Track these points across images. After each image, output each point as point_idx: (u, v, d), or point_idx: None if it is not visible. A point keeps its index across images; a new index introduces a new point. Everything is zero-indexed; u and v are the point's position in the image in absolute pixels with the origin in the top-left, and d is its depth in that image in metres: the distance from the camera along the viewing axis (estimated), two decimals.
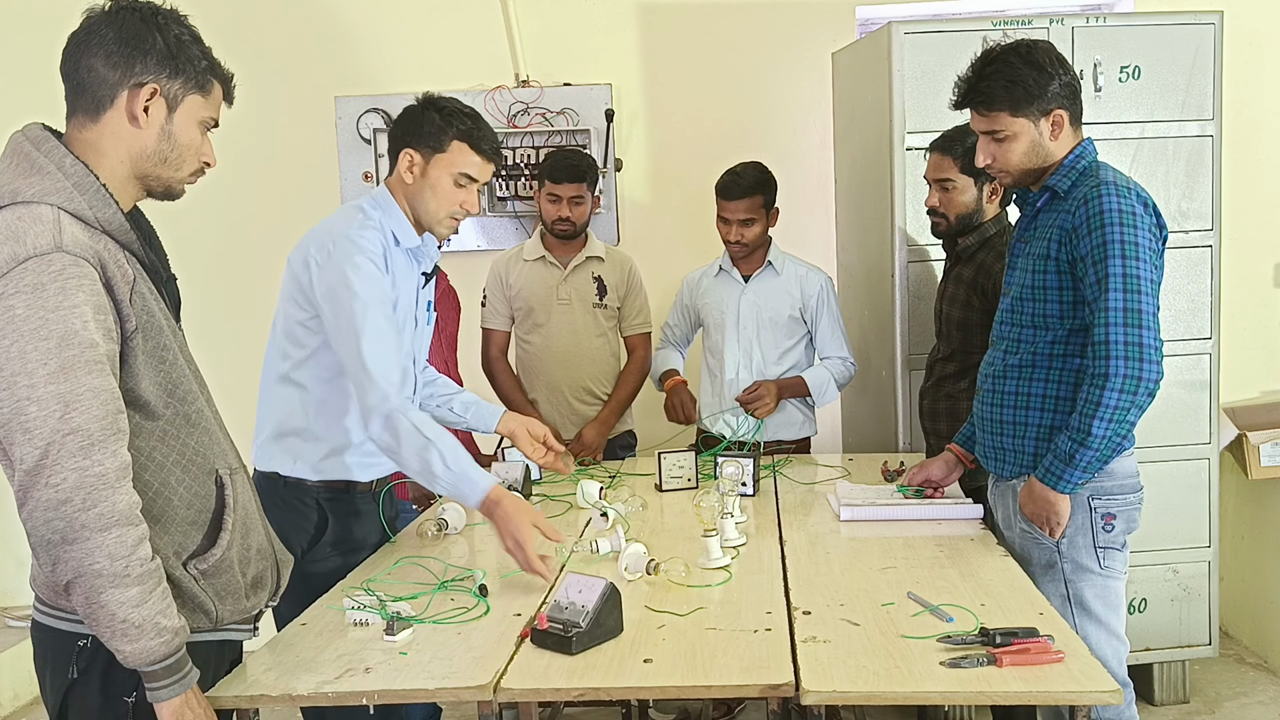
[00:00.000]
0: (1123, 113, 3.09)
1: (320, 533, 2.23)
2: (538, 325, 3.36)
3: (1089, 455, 2.04)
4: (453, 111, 2.19)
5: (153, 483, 1.53)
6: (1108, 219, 2.03)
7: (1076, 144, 2.17)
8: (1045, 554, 2.19)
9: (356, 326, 2.05)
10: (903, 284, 3.17)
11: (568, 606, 1.73)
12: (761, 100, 3.97)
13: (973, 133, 2.68)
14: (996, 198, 2.74)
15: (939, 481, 2.51)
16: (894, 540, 2.25)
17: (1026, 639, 1.62)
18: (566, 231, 3.31)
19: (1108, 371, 2.00)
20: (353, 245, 2.10)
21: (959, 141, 2.72)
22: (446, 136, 2.17)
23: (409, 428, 2.03)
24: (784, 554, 2.20)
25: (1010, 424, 2.24)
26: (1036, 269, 2.16)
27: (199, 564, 1.58)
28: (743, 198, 3.10)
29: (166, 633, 1.45)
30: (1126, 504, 2.17)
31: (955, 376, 2.79)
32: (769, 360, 3.22)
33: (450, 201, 2.20)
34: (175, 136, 1.55)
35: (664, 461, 2.78)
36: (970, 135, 2.69)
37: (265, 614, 1.79)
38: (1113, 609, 2.18)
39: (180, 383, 1.57)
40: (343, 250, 2.09)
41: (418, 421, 2.05)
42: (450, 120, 2.17)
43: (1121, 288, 2.01)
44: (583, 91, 3.95)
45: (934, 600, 1.85)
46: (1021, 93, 2.10)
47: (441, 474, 2.04)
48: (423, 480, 2.07)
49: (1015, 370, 2.23)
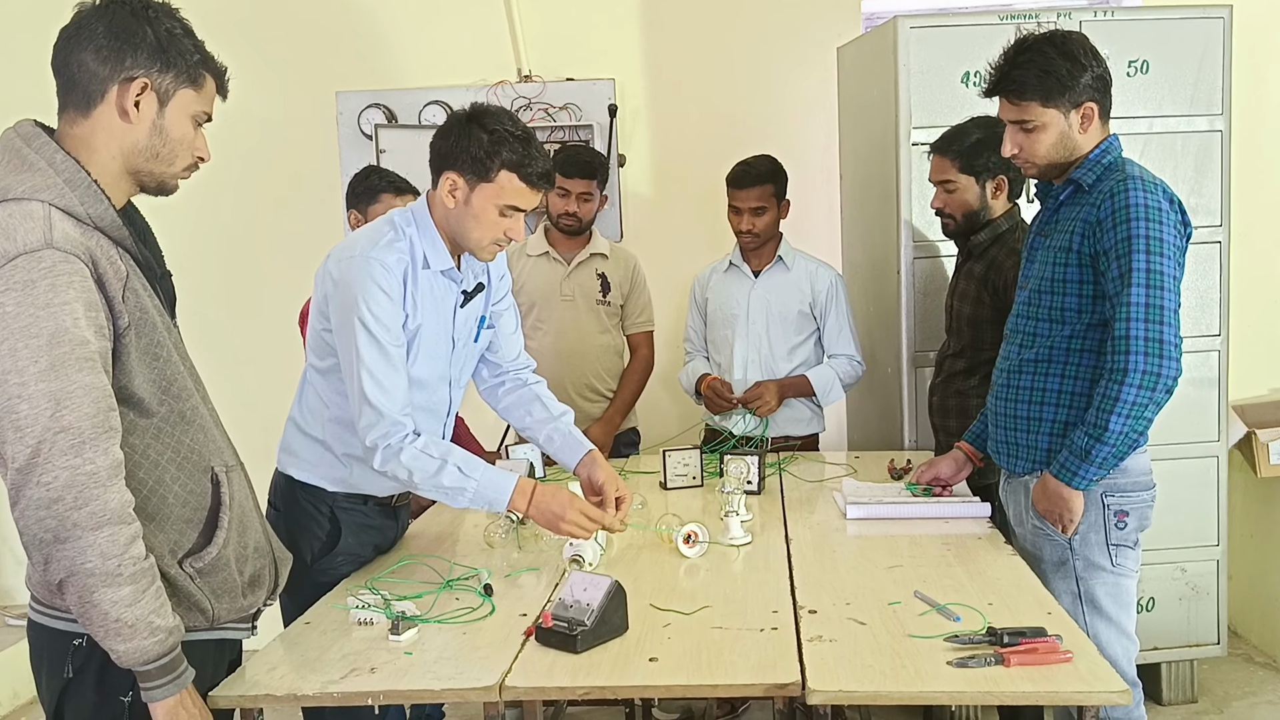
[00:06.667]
0: (1131, 107, 3.07)
1: (333, 542, 2.18)
2: (541, 321, 3.34)
3: (1105, 451, 2.03)
4: (503, 136, 1.98)
5: (147, 480, 1.52)
6: (1134, 213, 2.01)
7: (1104, 138, 2.15)
8: (1057, 551, 2.18)
9: (356, 355, 1.98)
10: (909, 280, 3.15)
11: (572, 605, 1.73)
12: (766, 95, 3.95)
13: (969, 131, 2.70)
14: (1001, 193, 2.71)
15: (947, 479, 2.49)
16: (901, 539, 2.24)
17: (1034, 638, 1.62)
18: (572, 227, 3.29)
19: (1127, 366, 1.99)
20: (367, 266, 1.99)
21: (956, 141, 2.71)
22: (494, 164, 1.98)
23: (413, 454, 1.98)
24: (790, 552, 2.19)
25: (1024, 419, 2.23)
26: (1057, 262, 2.15)
27: (194, 562, 1.57)
28: (754, 186, 3.08)
29: (160, 632, 1.44)
30: (1140, 501, 2.16)
31: (965, 373, 2.78)
32: (778, 356, 3.19)
33: (494, 231, 2.05)
34: (167, 131, 1.54)
35: (669, 459, 2.77)
36: (967, 134, 2.69)
37: (264, 613, 1.78)
38: (1124, 607, 2.17)
39: (175, 379, 1.56)
40: (356, 271, 1.99)
41: (422, 446, 2.00)
42: (499, 146, 1.98)
43: (1145, 283, 1.99)
44: (586, 86, 3.93)
45: (941, 599, 1.84)
46: (1054, 83, 2.08)
47: (467, 487, 1.99)
48: (447, 501, 2.03)
49: (1031, 365, 2.21)
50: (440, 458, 2.00)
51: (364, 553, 2.22)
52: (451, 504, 2.03)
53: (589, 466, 2.29)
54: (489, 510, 2.06)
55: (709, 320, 3.31)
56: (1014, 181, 2.71)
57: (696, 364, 3.33)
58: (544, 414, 2.38)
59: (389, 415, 1.99)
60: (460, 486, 2.00)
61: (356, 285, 1.99)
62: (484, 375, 2.41)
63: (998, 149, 2.63)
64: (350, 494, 2.18)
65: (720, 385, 3.15)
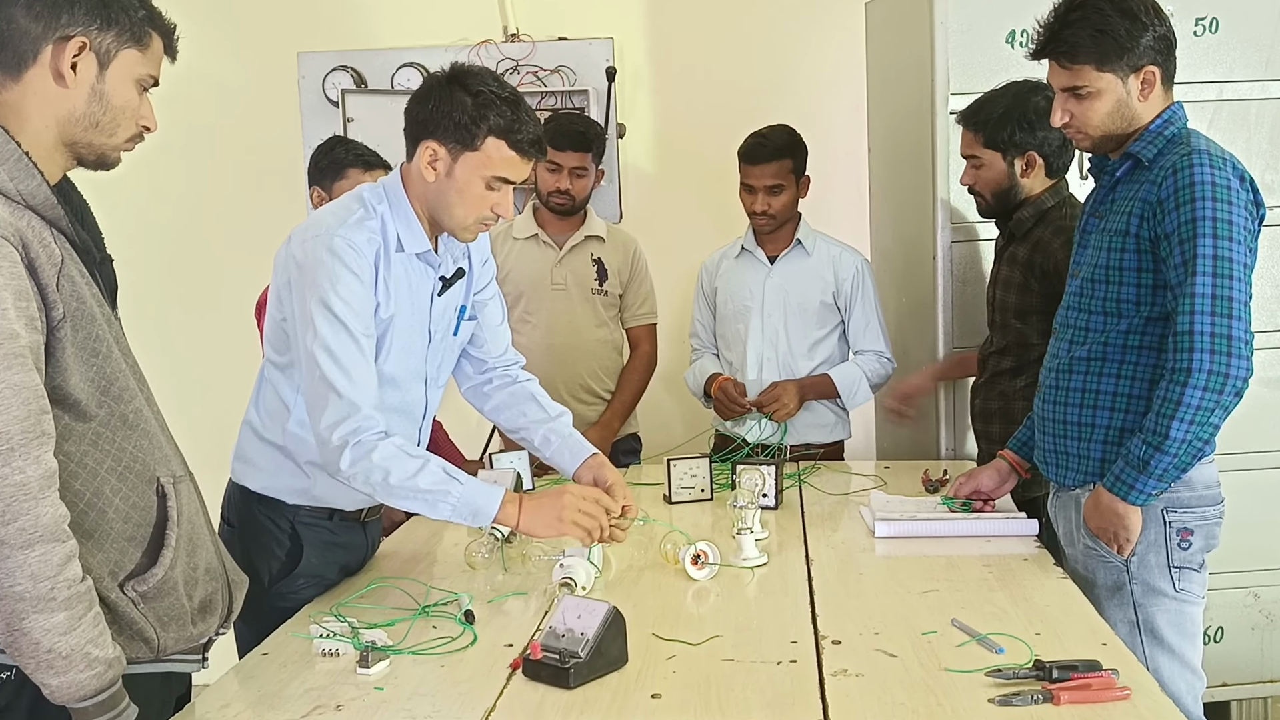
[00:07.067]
0: (1197, 71, 3.06)
1: (294, 562, 2.17)
2: (529, 313, 3.35)
3: (1166, 461, 2.02)
4: (489, 98, 1.97)
5: (84, 493, 1.51)
6: (1199, 192, 2.00)
7: (1166, 107, 2.15)
8: (1112, 574, 2.18)
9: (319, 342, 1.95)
10: (946, 267, 3.15)
11: (565, 634, 1.72)
12: (784, 58, 3.96)
13: (995, 101, 2.70)
14: (1034, 170, 2.71)
15: (989, 493, 2.49)
16: (936, 560, 2.25)
17: (1087, 673, 1.62)
18: (564, 206, 3.29)
19: (1190, 366, 1.98)
20: (334, 246, 1.97)
21: (981, 112, 2.73)
22: (480, 131, 1.97)
23: (390, 452, 1.95)
24: (810, 575, 2.20)
25: (1075, 425, 2.22)
26: (1112, 247, 2.14)
27: (138, 585, 1.56)
28: (770, 161, 3.09)
29: (99, 664, 1.43)
30: (1206, 518, 2.15)
31: (1011, 373, 2.78)
32: (797, 354, 3.20)
33: (480, 207, 2.04)
34: (108, 97, 1.53)
35: (674, 469, 2.76)
36: (993, 104, 2.70)
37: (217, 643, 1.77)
38: (1188, 638, 2.17)
39: (115, 379, 1.56)
40: (320, 252, 1.97)
41: (399, 444, 1.97)
42: (485, 110, 1.97)
43: (1211, 271, 1.99)
44: (580, 47, 3.94)
45: (981, 628, 1.84)
46: (1111, 44, 2.07)
47: (451, 490, 1.96)
48: (425, 509, 1.99)
49: (1082, 363, 2.21)
50: (421, 457, 1.99)
51: (329, 574, 2.22)
52: (430, 513, 2.00)
53: (594, 470, 2.28)
54: (472, 523, 2.03)
55: (719, 313, 3.32)
56: (1050, 157, 2.70)
57: (705, 362, 3.33)
58: (540, 414, 2.37)
59: (363, 408, 1.96)
60: (443, 489, 1.97)
61: (321, 267, 1.97)
62: (468, 371, 2.40)
63: (1025, 122, 2.64)
64: (314, 507, 2.18)
65: (732, 386, 3.15)
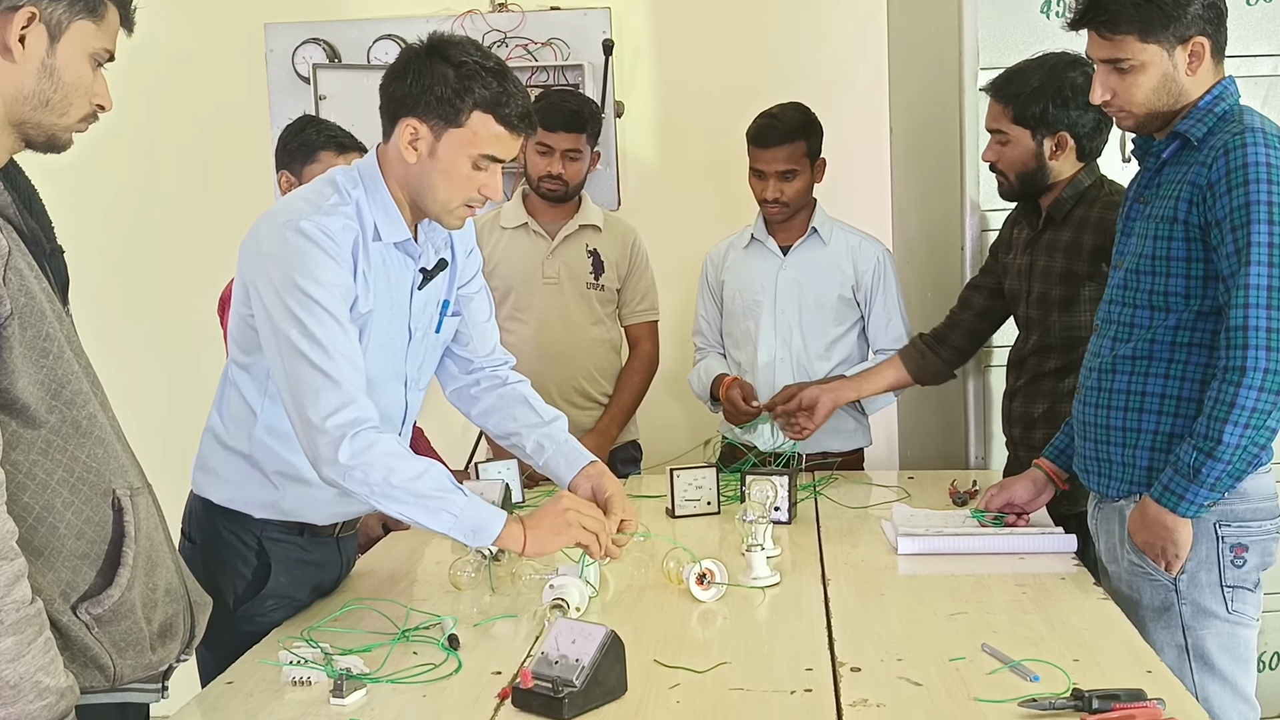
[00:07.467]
0: (1250, 44, 3.06)
1: (261, 582, 2.18)
2: (519, 310, 3.36)
3: (1218, 470, 2.03)
4: (473, 70, 1.98)
5: (33, 506, 1.52)
6: (1253, 174, 2.01)
7: (1216, 82, 2.15)
8: (1159, 594, 2.19)
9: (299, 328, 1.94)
10: (974, 258, 3.16)
11: (558, 660, 1.72)
12: (798, 30, 3.96)
13: (1028, 73, 2.68)
14: (1064, 152, 2.68)
15: (1023, 505, 2.50)
16: (964, 579, 2.25)
17: (1131, 703, 1.61)
18: (556, 192, 3.30)
19: (1245, 364, 1.99)
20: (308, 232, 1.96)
21: (1013, 83, 2.70)
22: (464, 105, 1.98)
23: (394, 447, 1.95)
24: (827, 596, 2.20)
25: (1119, 430, 2.23)
26: (1159, 235, 2.15)
27: (92, 607, 1.57)
28: (782, 144, 3.09)
29: (50, 694, 1.43)
30: (1262, 532, 2.16)
31: (1057, 374, 2.74)
32: (813, 353, 3.21)
33: (466, 188, 2.04)
34: (59, 73, 1.54)
35: (677, 480, 2.77)
36: (1025, 77, 2.68)
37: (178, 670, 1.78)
38: (1241, 664, 2.18)
39: (67, 382, 1.56)
40: (293, 239, 1.97)
41: (401, 441, 1.98)
42: (469, 82, 1.97)
43: (1267, 260, 1.99)
44: (574, 18, 3.95)
45: (1014, 654, 1.84)
46: (1156, 13, 2.08)
47: (456, 500, 1.96)
48: (423, 518, 1.97)
49: (1127, 362, 2.22)
50: (424, 461, 1.98)
51: (300, 595, 2.23)
52: (427, 521, 1.97)
53: (593, 479, 2.27)
54: (471, 540, 2.02)
55: (726, 309, 3.32)
56: (1082, 139, 2.68)
57: (710, 363, 3.34)
58: (532, 418, 2.37)
59: (359, 397, 1.94)
60: (447, 497, 1.96)
61: (293, 253, 1.96)
62: (453, 372, 2.40)
63: (1060, 99, 2.62)
64: (283, 522, 2.18)
65: (741, 389, 3.16)
